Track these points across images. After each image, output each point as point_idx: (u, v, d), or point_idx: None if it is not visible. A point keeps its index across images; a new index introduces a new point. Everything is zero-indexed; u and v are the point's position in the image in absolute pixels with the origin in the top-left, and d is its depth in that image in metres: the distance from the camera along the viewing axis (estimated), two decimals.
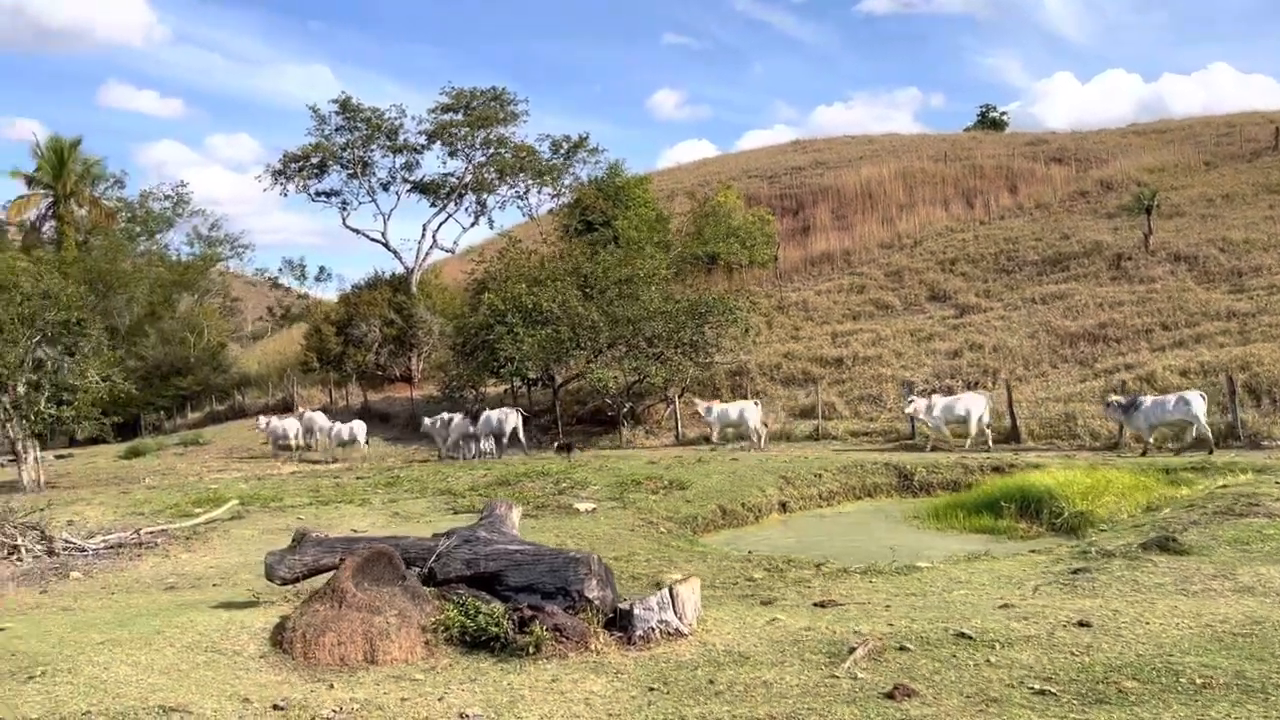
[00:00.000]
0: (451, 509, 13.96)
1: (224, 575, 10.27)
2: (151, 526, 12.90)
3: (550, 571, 6.89)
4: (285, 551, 7.97)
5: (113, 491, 19.53)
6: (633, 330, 26.72)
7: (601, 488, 14.83)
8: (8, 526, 11.71)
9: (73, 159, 42.83)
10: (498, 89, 36.78)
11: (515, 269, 29.21)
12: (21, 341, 22.24)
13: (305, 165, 36.26)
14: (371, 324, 35.15)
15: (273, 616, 7.39)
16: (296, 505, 14.78)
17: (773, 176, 57.99)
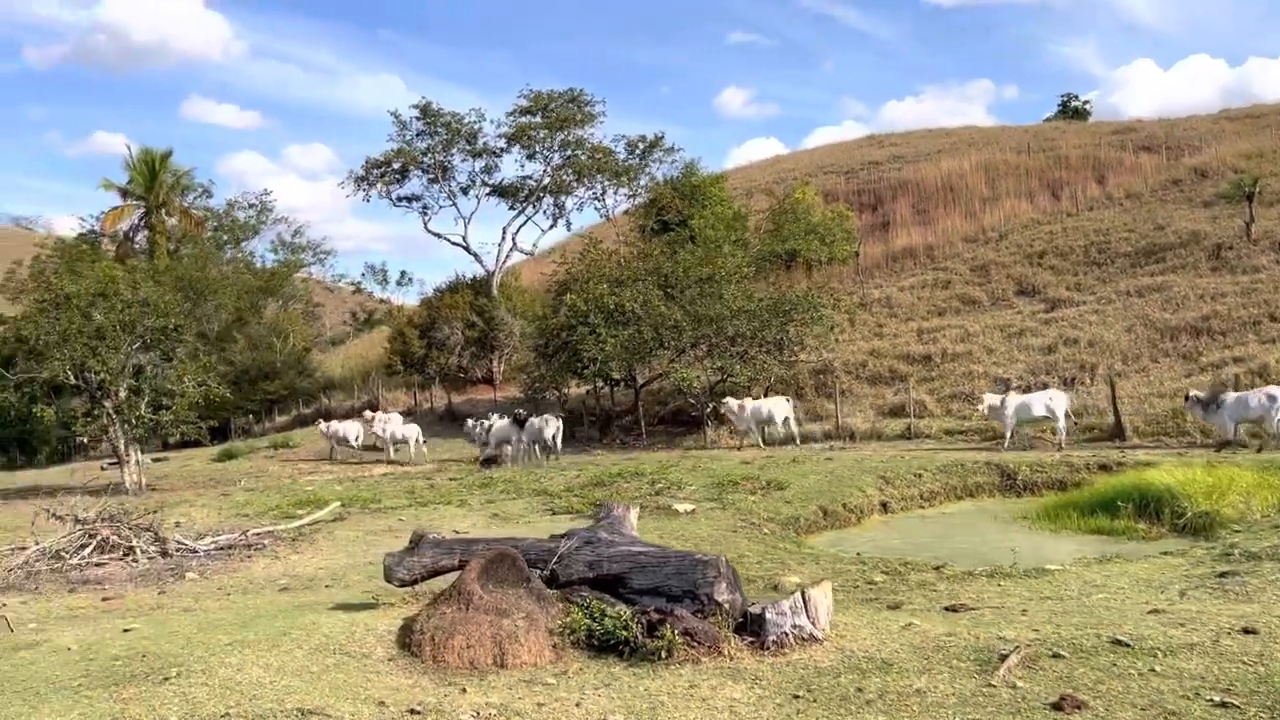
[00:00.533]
0: (550, 510, 13.91)
1: (335, 576, 10.32)
2: (258, 528, 13.08)
3: (677, 574, 6.74)
4: (404, 553, 7.95)
5: (213, 494, 19.95)
6: (715, 329, 26.50)
7: (698, 488, 14.67)
8: (123, 529, 11.95)
9: (164, 170, 44.09)
10: (575, 91, 36.93)
11: (596, 270, 29.19)
12: (122, 348, 22.85)
13: (387, 171, 36.80)
14: (453, 327, 35.50)
15: (395, 619, 7.36)
16: (396, 507, 14.89)
17: (849, 172, 57.27)
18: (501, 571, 6.93)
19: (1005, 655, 5.70)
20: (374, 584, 9.85)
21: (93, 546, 11.67)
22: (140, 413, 23.37)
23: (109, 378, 22.39)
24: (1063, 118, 68.01)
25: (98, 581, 10.65)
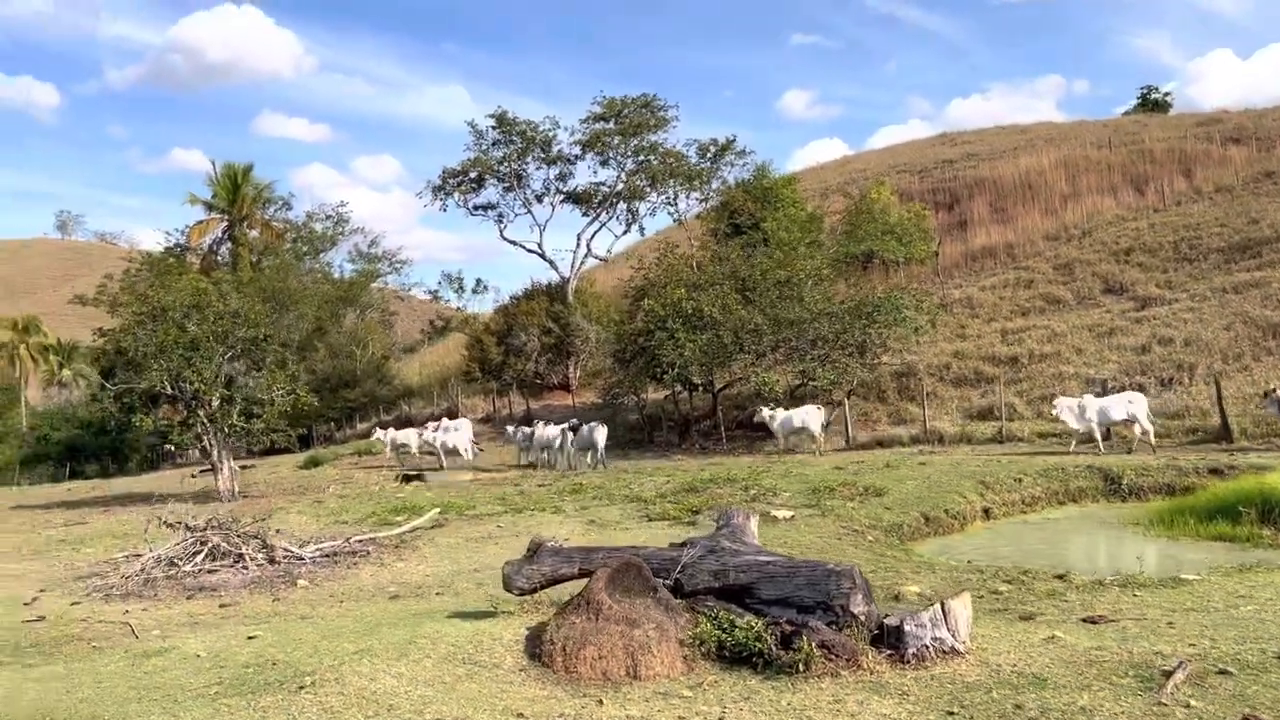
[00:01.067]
0: (645, 516, 13.84)
1: (443, 584, 10.36)
2: (360, 535, 13.22)
3: (808, 584, 6.59)
4: (522, 561, 7.92)
5: (306, 500, 20.28)
6: (796, 333, 26.23)
7: (793, 494, 14.47)
8: (232, 536, 12.16)
9: (246, 184, 45.18)
10: (648, 96, 36.91)
11: (673, 275, 29.11)
12: (215, 358, 23.37)
13: (464, 180, 37.19)
14: (530, 333, 35.72)
15: (519, 628, 7.34)
16: (491, 513, 14.95)
17: (922, 171, 56.40)
18: (628, 581, 6.87)
19: (1169, 672, 5.45)
20: (484, 591, 9.87)
21: (204, 554, 11.90)
22: (233, 421, 23.87)
23: (203, 387, 22.89)
24: (1143, 111, 66.09)
25: (212, 588, 10.84)
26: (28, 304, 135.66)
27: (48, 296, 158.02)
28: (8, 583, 12.13)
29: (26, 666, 7.95)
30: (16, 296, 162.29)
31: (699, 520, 13.00)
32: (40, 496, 32.48)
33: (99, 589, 11.11)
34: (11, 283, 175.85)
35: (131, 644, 8.59)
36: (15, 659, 8.37)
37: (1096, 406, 19.36)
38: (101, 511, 22.93)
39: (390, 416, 39.33)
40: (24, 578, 12.54)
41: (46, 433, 51.87)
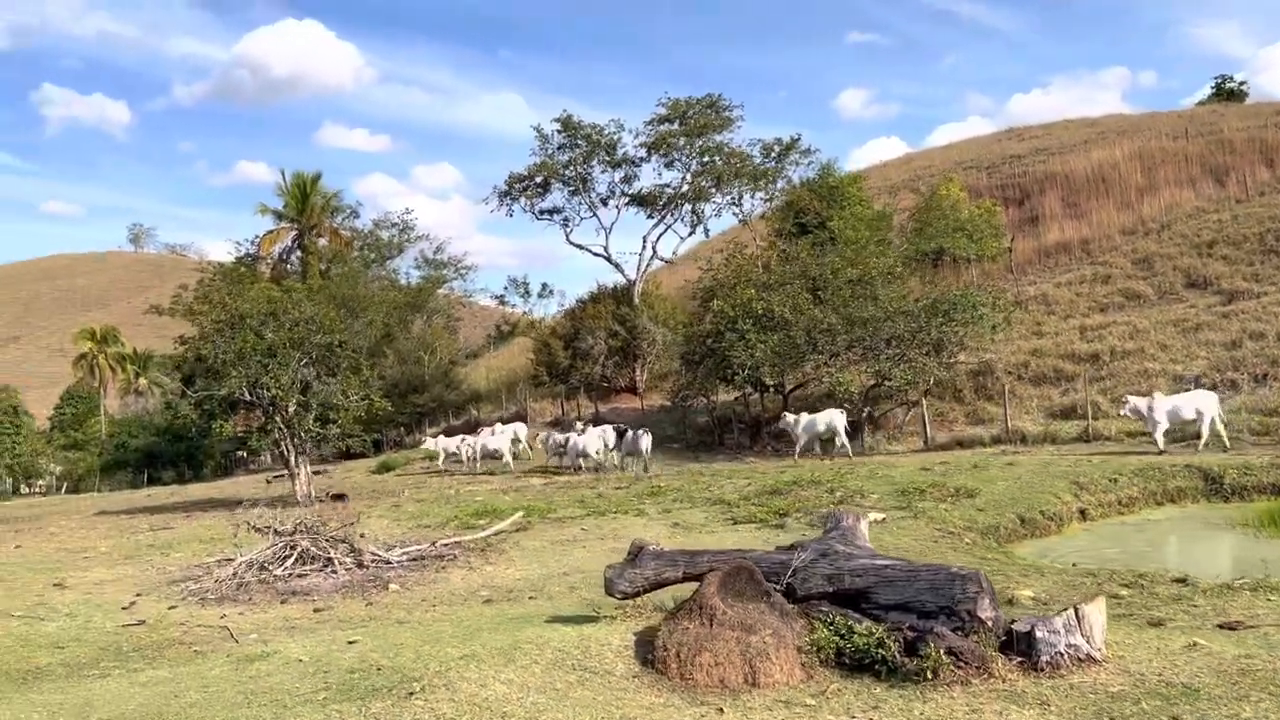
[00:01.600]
0: (730, 519, 13.62)
1: (535, 588, 10.25)
2: (445, 539, 13.19)
3: (931, 589, 6.33)
4: (624, 565, 7.76)
5: (384, 504, 20.40)
6: (870, 332, 25.77)
7: (882, 496, 14.14)
8: (320, 540, 12.19)
9: (314, 193, 45.89)
10: (713, 96, 36.62)
11: (743, 275, 28.81)
12: (291, 364, 23.63)
13: (529, 185, 37.29)
14: (596, 336, 35.65)
15: (625, 633, 7.17)
16: (573, 516, 14.84)
17: (990, 167, 55.31)
18: (739, 585, 6.67)
19: None
20: (578, 595, 9.75)
21: (294, 558, 11.94)
22: (309, 426, 24.13)
23: (280, 393, 23.17)
24: (1217, 100, 64.13)
25: (305, 592, 10.86)
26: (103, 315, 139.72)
27: (122, 307, 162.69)
28: (104, 588, 12.31)
29: (132, 671, 8.00)
30: (93, 307, 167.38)
31: (787, 524, 12.75)
32: (122, 502, 33.23)
33: (194, 593, 11.21)
34: (88, 294, 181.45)
35: (232, 648, 8.62)
36: (120, 663, 8.44)
37: (1167, 405, 18.75)
38: (184, 517, 23.31)
39: (460, 421, 39.57)
40: (119, 582, 12.72)
41: (125, 440, 53.20)
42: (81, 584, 12.64)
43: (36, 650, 8.99)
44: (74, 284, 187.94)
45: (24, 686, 7.82)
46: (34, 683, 7.94)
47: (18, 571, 14.32)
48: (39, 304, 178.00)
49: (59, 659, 8.67)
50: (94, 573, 13.58)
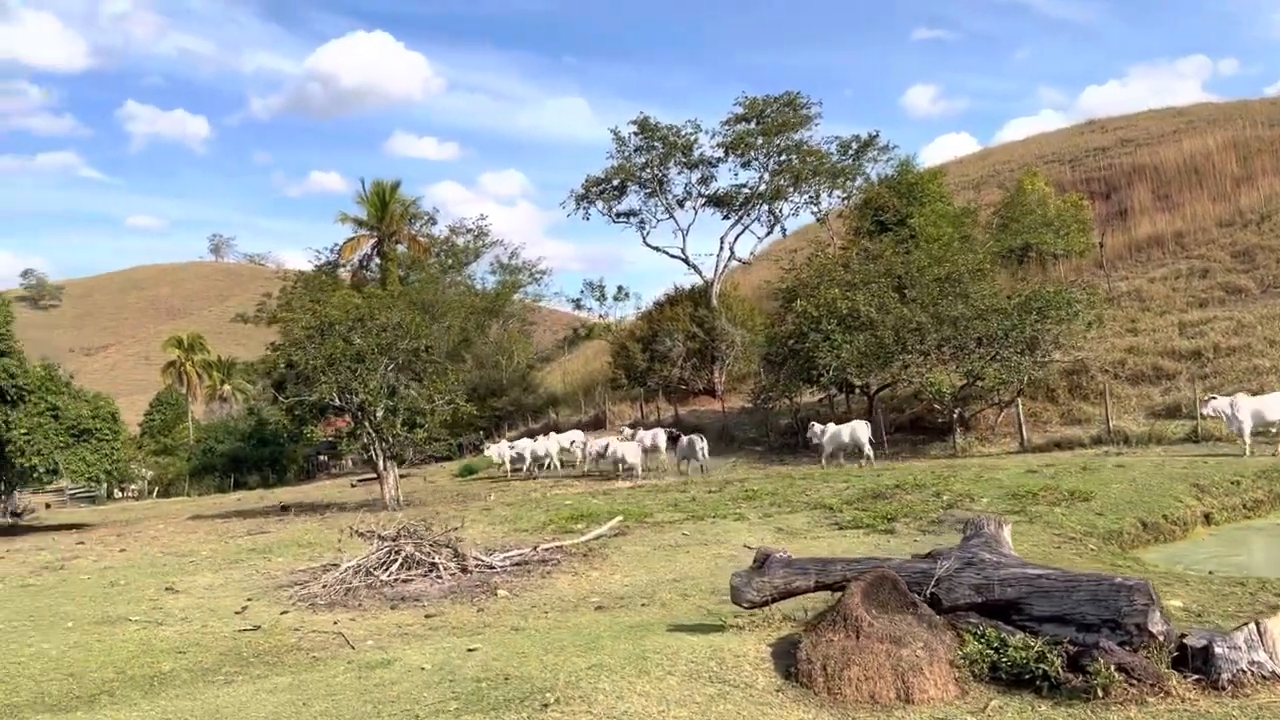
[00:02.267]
0: (835, 524, 13.29)
1: (645, 594, 10.06)
2: (546, 543, 13.08)
3: (1092, 600, 5.97)
4: (751, 573, 7.51)
5: (474, 508, 20.41)
6: (960, 330, 25.11)
7: (991, 500, 13.67)
8: (424, 545, 12.16)
9: (393, 201, 46.50)
10: (790, 94, 36.14)
11: (825, 275, 28.33)
12: (379, 369, 23.86)
13: (606, 188, 37.23)
14: (675, 339, 35.42)
15: (758, 644, 6.93)
16: (671, 521, 14.64)
17: (1073, 160, 53.85)
18: (883, 595, 6.38)
19: None
20: (691, 603, 9.54)
21: (399, 563, 11.93)
22: (396, 431, 24.34)
23: (369, 398, 23.40)
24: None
25: (414, 598, 10.82)
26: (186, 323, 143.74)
27: (204, 315, 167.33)
28: (214, 592, 12.45)
29: (255, 678, 8.00)
30: (176, 316, 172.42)
31: (896, 529, 12.38)
32: (213, 506, 33.94)
33: (303, 598, 11.25)
34: (171, 304, 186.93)
35: (350, 655, 8.58)
36: (242, 669, 8.45)
37: (1251, 406, 18.05)
38: (277, 521, 23.64)
39: (539, 424, 39.65)
40: (227, 586, 12.86)
41: (211, 445, 54.41)
42: (192, 588, 12.80)
43: (159, 655, 9.07)
44: (158, 294, 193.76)
45: (151, 693, 7.86)
46: (160, 689, 7.98)
47: (129, 575, 14.59)
48: (126, 313, 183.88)
49: (182, 664, 8.73)
50: (201, 577, 13.75)
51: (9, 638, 10.30)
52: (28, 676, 8.59)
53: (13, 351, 26.42)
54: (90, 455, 26.95)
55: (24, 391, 25.87)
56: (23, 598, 13.09)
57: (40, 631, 10.52)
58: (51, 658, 9.28)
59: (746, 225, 38.00)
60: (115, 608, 11.70)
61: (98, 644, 9.74)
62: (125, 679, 8.36)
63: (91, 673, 8.64)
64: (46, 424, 26.15)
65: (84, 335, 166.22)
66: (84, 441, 26.96)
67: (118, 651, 9.36)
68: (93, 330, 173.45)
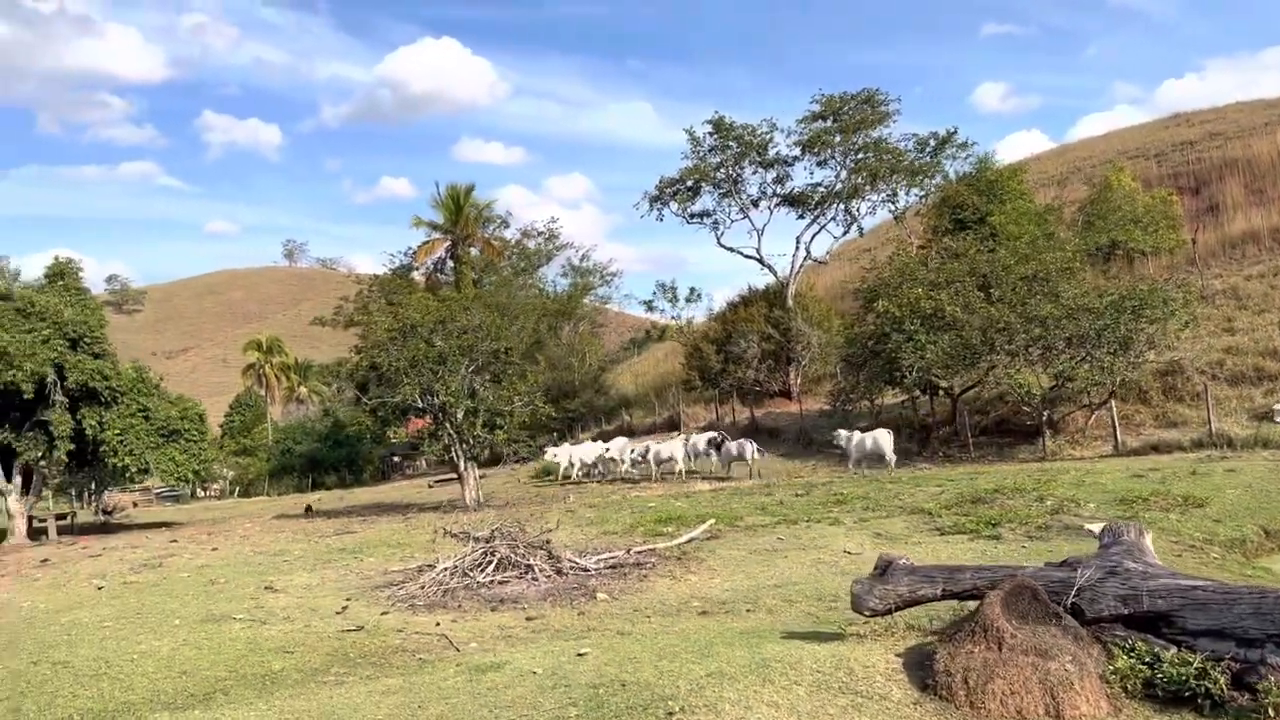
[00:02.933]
0: (935, 529, 12.92)
1: (748, 600, 9.85)
2: (639, 546, 12.94)
3: (1255, 614, 5.61)
4: (873, 580, 7.26)
5: (556, 509, 20.38)
6: (1048, 330, 24.40)
7: (1099, 505, 13.18)
8: (519, 547, 12.10)
9: (468, 204, 46.89)
10: (869, 91, 35.59)
11: (908, 274, 27.76)
12: (460, 371, 23.99)
13: (680, 189, 37.04)
14: (749, 340, 35.09)
15: (886, 653, 6.69)
16: (764, 525, 14.39)
17: (1158, 155, 52.21)
18: (1023, 605, 6.09)
19: None
20: (799, 610, 9.31)
21: (494, 564, 11.88)
22: (477, 432, 24.45)
23: (451, 400, 23.53)
24: None
25: (512, 600, 10.75)
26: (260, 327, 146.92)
27: (278, 319, 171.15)
28: (312, 591, 12.54)
29: (366, 679, 7.96)
30: (252, 320, 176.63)
31: (1001, 535, 11.98)
32: (295, 506, 34.51)
33: (401, 599, 11.25)
34: (247, 308, 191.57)
35: (456, 657, 8.51)
36: (350, 670, 8.43)
37: None
38: (360, 521, 23.89)
39: (612, 426, 39.62)
40: (323, 586, 12.95)
41: (290, 446, 55.52)
42: (289, 588, 12.92)
43: (267, 655, 9.11)
44: (234, 298, 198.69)
45: (264, 692, 7.88)
46: (272, 688, 7.99)
47: (226, 573, 14.80)
48: (204, 317, 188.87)
49: (291, 664, 8.75)
50: (297, 577, 13.88)
51: (120, 635, 10.47)
52: (142, 674, 8.69)
53: (106, 354, 27.15)
54: (179, 455, 27.59)
55: (117, 393, 26.56)
56: (127, 596, 13.34)
57: (149, 630, 10.67)
58: (163, 656, 9.39)
59: (823, 225, 37.51)
60: (218, 606, 11.84)
61: (206, 642, 9.84)
62: (237, 677, 8.40)
63: (203, 671, 8.71)
64: (138, 425, 26.82)
65: (164, 339, 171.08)
66: (173, 442, 27.60)
67: (226, 650, 9.44)
68: (173, 334, 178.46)
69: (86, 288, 30.49)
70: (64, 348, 25.69)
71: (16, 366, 24.50)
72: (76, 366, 25.58)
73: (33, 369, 24.64)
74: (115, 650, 9.72)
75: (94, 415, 26.25)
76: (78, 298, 28.81)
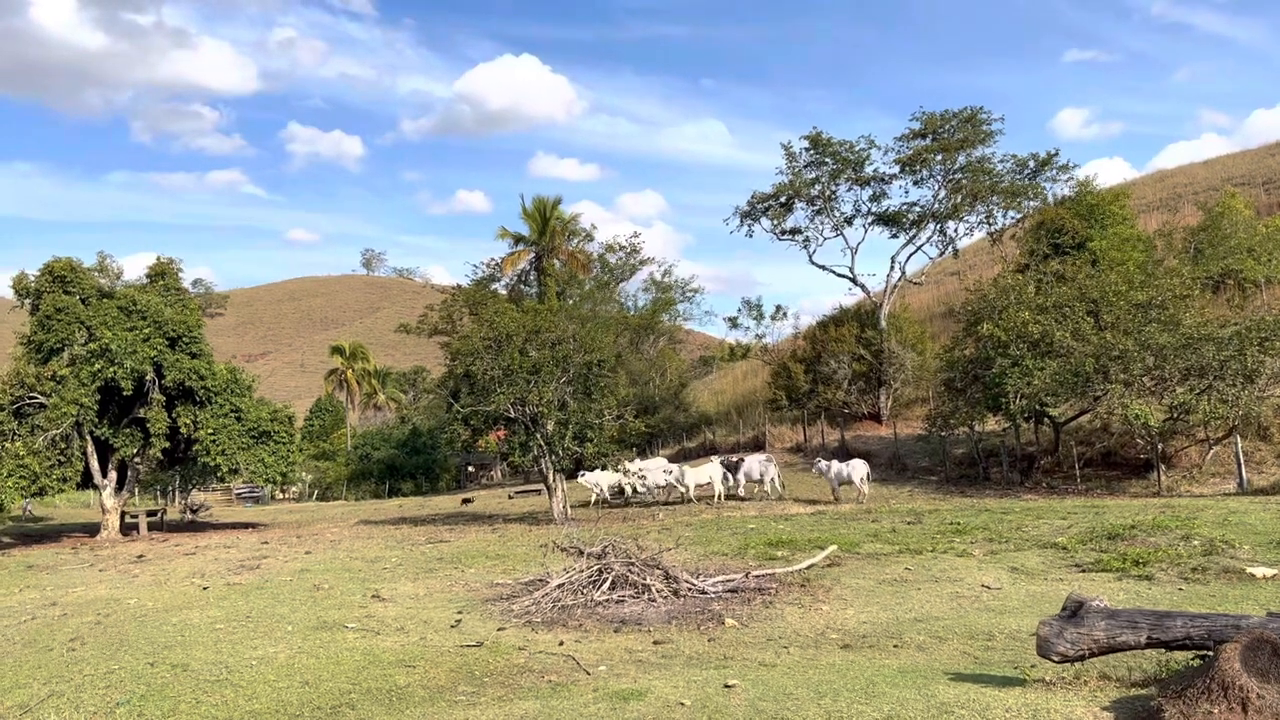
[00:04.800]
0: (1074, 565, 12.12)
1: (890, 634, 9.21)
2: (756, 570, 12.36)
3: None
4: (1063, 623, 6.61)
5: (650, 527, 19.87)
6: (1164, 360, 23.24)
7: (1254, 548, 12.22)
8: (635, 565, 11.61)
9: (554, 216, 46.81)
10: (972, 109, 34.58)
11: (1015, 296, 26.73)
12: (553, 382, 23.67)
13: (772, 205, 36.40)
14: (840, 360, 34.26)
15: (1087, 705, 6.03)
16: (885, 553, 13.70)
17: (1267, 183, 50.20)
18: (1263, 662, 5.40)
19: None
20: (953, 648, 8.64)
21: (609, 582, 11.41)
22: (567, 444, 24.09)
23: (544, 411, 23.22)
24: None
25: (634, 621, 10.26)
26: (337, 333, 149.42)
27: (355, 326, 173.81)
28: (420, 602, 12.20)
29: (499, 700, 7.52)
30: (330, 327, 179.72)
31: (1154, 575, 11.15)
32: (377, 512, 34.55)
33: (517, 615, 10.83)
34: (325, 315, 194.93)
35: (588, 681, 8.03)
36: (479, 690, 8.00)
37: None
38: (447, 529, 23.67)
39: (694, 443, 39.05)
40: (430, 597, 12.61)
41: (368, 452, 55.88)
42: (396, 597, 12.61)
43: (388, 668, 8.74)
44: (313, 304, 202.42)
45: (393, 709, 7.48)
46: (400, 705, 7.59)
47: (327, 579, 14.58)
48: (283, 323, 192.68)
49: (416, 680, 8.35)
50: (401, 586, 13.58)
51: (234, 639, 10.22)
52: (264, 682, 8.37)
53: (203, 355, 27.41)
54: (269, 457, 27.70)
55: (211, 393, 26.78)
56: (233, 597, 13.16)
57: (262, 635, 10.41)
58: (280, 663, 9.09)
59: (919, 245, 36.54)
60: (327, 613, 11.56)
61: (322, 651, 9.52)
62: (362, 691, 8.03)
63: (325, 681, 8.37)
64: (231, 425, 27.01)
65: (245, 342, 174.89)
66: (263, 443, 27.73)
67: (345, 661, 9.10)
68: (253, 338, 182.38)
69: (186, 288, 30.95)
70: (163, 346, 25.99)
71: (118, 364, 24.86)
72: (175, 365, 25.86)
73: (133, 366, 24.96)
74: (232, 655, 9.45)
75: (189, 414, 26.50)
76: (177, 298, 29.25)
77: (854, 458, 26.58)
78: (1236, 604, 9.64)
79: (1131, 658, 6.96)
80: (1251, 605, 9.55)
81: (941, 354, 30.45)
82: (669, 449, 40.54)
